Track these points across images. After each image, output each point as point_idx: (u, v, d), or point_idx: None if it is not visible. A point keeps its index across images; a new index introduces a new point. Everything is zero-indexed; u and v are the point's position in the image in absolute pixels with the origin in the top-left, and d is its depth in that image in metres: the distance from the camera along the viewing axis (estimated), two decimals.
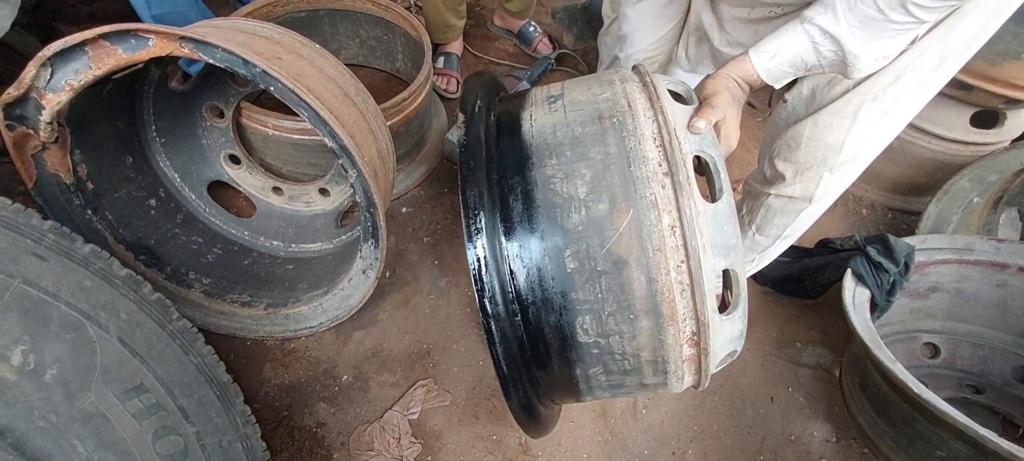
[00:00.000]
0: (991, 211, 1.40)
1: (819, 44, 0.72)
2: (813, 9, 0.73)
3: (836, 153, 0.86)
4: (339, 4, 1.48)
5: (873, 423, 1.13)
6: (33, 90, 0.83)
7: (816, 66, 0.75)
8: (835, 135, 0.85)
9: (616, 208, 0.62)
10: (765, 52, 0.75)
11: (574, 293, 0.64)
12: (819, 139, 0.86)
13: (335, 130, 0.86)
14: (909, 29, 0.69)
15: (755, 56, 0.76)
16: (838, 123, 0.84)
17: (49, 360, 0.74)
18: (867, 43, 0.70)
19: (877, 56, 0.72)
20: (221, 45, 0.80)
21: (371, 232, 1.00)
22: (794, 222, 1.01)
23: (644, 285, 0.62)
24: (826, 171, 0.89)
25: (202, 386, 0.92)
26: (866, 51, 0.71)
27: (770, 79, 0.77)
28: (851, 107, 0.82)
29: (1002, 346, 1.25)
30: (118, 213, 1.11)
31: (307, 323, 1.17)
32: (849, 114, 0.82)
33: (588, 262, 0.62)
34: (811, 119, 0.86)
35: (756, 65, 0.76)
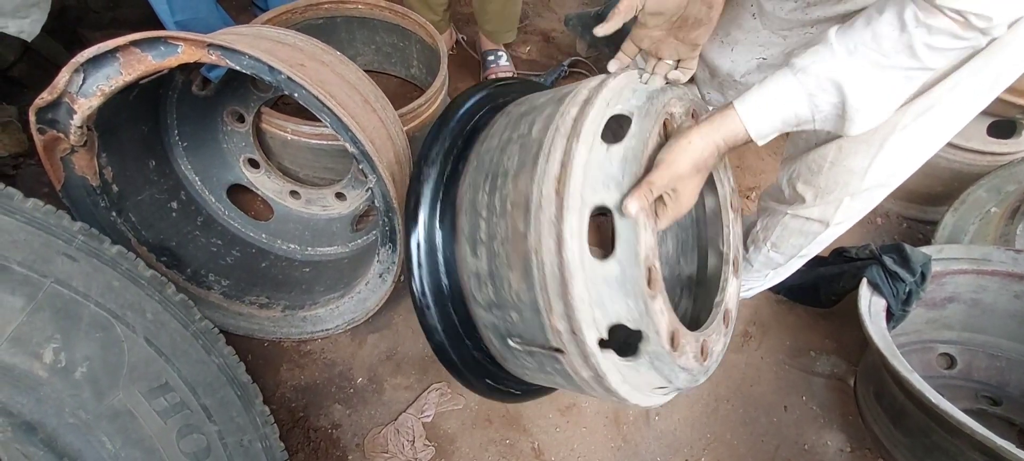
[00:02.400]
0: (1008, 221, 1.39)
1: (816, 96, 0.64)
2: (805, 57, 0.65)
3: (859, 179, 0.83)
4: (356, 11, 1.50)
5: (889, 433, 1.13)
6: (66, 95, 0.85)
7: (807, 122, 0.67)
8: (859, 162, 0.81)
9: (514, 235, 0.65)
10: (753, 107, 0.67)
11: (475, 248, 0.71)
12: (842, 165, 0.83)
13: (357, 136, 0.88)
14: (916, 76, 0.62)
15: (742, 109, 0.67)
16: (863, 150, 0.80)
17: (79, 358, 0.76)
18: (870, 92, 0.63)
19: (879, 108, 0.65)
20: (247, 52, 0.82)
21: (389, 236, 1.02)
22: (811, 243, 1.00)
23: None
24: (847, 196, 0.87)
25: (224, 386, 0.94)
26: (868, 102, 0.63)
27: (759, 138, 0.68)
28: (879, 136, 0.78)
29: (1020, 358, 1.24)
30: (141, 215, 1.13)
31: (323, 325, 1.18)
32: (876, 142, 0.79)
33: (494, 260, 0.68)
34: (835, 144, 0.82)
35: (746, 122, 0.67)
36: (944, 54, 0.59)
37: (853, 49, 0.61)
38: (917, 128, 0.76)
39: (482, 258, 0.68)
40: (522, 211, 0.62)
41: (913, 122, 0.76)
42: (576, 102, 0.65)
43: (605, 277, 0.60)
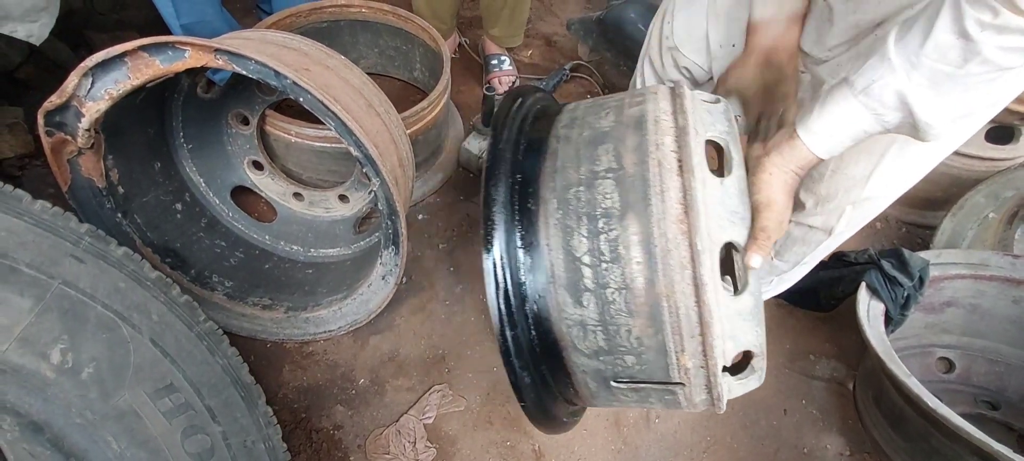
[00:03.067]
0: (1007, 226, 1.40)
1: (883, 115, 0.61)
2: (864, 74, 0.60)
3: (860, 188, 0.82)
4: (360, 15, 1.51)
5: (888, 437, 1.13)
6: (74, 98, 0.87)
7: (880, 131, 0.64)
8: (861, 170, 0.80)
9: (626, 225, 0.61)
10: (819, 133, 0.65)
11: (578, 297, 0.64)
12: (843, 172, 0.82)
13: (360, 140, 0.89)
14: (995, 77, 0.56)
15: (809, 139, 0.65)
16: (865, 160, 0.79)
17: (86, 359, 0.77)
18: (940, 103, 0.57)
19: (953, 116, 0.59)
20: (254, 57, 0.83)
21: (392, 239, 1.03)
22: (814, 251, 1.00)
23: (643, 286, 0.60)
24: (849, 204, 0.86)
25: (228, 387, 0.95)
26: (939, 114, 0.58)
27: (831, 156, 0.68)
28: (881, 145, 0.77)
29: (1018, 362, 1.25)
30: (146, 217, 1.14)
31: (326, 327, 1.19)
32: (877, 152, 0.77)
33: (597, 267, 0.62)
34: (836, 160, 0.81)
35: (813, 149, 0.65)
36: (1018, 53, 0.54)
37: (916, 63, 0.57)
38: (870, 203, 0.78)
39: (589, 307, 0.63)
40: (643, 255, 0.59)
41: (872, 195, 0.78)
42: (666, 130, 0.63)
43: (739, 311, 0.61)
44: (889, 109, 0.60)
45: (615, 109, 0.70)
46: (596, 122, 0.69)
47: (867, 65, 0.61)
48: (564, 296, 0.64)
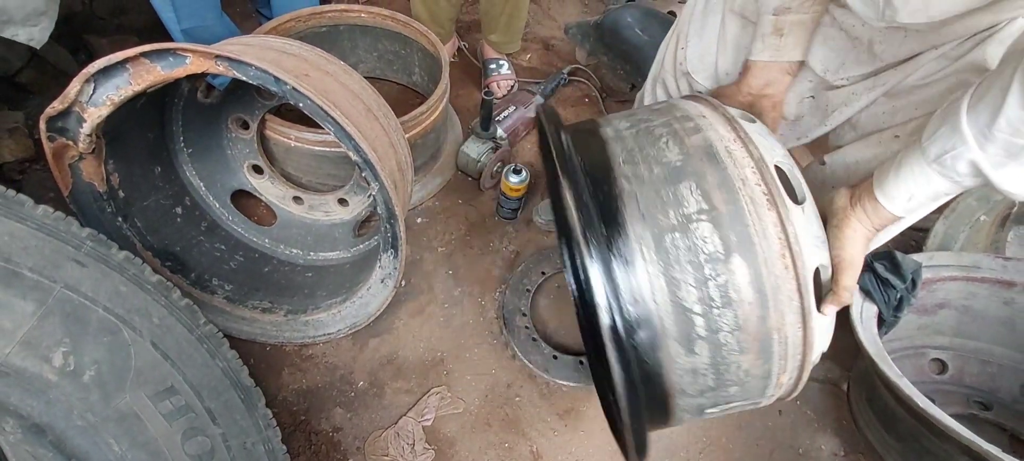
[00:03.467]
0: (999, 228, 1.41)
1: (960, 181, 0.62)
2: (937, 142, 0.61)
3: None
4: (359, 20, 1.52)
5: (880, 438, 1.15)
6: (76, 104, 0.87)
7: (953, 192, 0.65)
8: None
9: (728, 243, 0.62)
10: (897, 198, 0.66)
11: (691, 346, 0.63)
12: None
13: (359, 144, 0.90)
14: None
15: (888, 203, 0.67)
16: None
17: (88, 362, 0.78)
18: (1017, 172, 0.57)
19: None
20: (254, 63, 0.84)
21: (391, 242, 1.04)
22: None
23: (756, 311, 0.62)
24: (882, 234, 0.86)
25: (227, 389, 0.96)
26: (1017, 180, 0.58)
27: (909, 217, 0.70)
28: None
29: (1010, 363, 1.26)
30: (147, 220, 1.15)
31: (325, 330, 1.20)
32: None
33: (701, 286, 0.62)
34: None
35: (892, 209, 0.67)
36: None
37: (989, 136, 0.56)
38: None
39: (702, 354, 0.63)
40: (754, 296, 0.61)
41: None
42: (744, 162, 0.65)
43: (825, 327, 0.68)
44: (965, 176, 0.61)
45: (672, 136, 0.69)
46: (661, 156, 0.67)
47: (939, 133, 0.61)
48: (676, 348, 0.63)
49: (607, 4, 2.16)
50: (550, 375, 1.22)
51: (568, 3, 2.31)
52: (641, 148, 0.69)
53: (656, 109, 0.76)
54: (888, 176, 0.67)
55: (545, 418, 1.19)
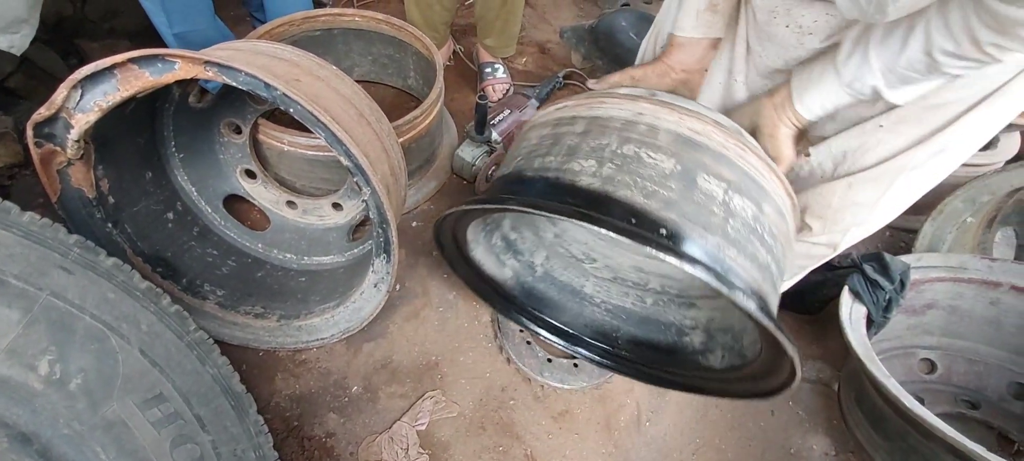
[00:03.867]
0: (986, 230, 1.43)
1: (862, 97, 0.75)
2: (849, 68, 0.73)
3: (868, 211, 0.86)
4: (353, 23, 1.52)
5: (869, 437, 1.16)
6: (63, 110, 0.87)
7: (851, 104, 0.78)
8: (869, 197, 0.85)
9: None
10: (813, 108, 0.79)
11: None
12: (852, 201, 0.86)
13: (351, 150, 0.90)
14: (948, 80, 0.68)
15: (805, 112, 0.80)
16: (873, 188, 0.83)
17: (74, 370, 0.77)
18: (906, 92, 0.71)
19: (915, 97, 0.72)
20: (244, 69, 0.84)
21: (383, 247, 1.03)
22: (812, 264, 1.04)
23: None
24: (855, 226, 0.90)
25: (218, 396, 0.95)
26: (905, 97, 0.72)
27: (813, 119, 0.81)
28: (889, 176, 0.81)
29: (997, 362, 1.28)
30: (137, 226, 1.14)
31: (319, 335, 1.20)
32: (886, 182, 0.82)
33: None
34: (845, 182, 0.85)
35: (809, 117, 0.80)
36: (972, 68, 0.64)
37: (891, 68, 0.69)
38: (929, 167, 0.79)
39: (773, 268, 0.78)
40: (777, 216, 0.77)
41: (926, 161, 0.79)
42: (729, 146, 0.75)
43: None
44: (866, 94, 0.74)
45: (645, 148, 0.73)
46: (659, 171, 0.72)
47: (851, 61, 0.72)
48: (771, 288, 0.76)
49: (602, 8, 2.17)
50: (544, 378, 1.22)
51: (563, 7, 2.32)
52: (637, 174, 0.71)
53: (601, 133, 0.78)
54: (807, 91, 0.79)
55: (540, 421, 1.19)
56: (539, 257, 1.20)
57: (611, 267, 1.21)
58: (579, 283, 1.21)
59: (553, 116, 0.85)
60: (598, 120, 0.79)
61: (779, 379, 0.85)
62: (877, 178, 0.82)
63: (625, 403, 1.24)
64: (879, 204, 0.84)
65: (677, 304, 1.16)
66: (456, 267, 1.12)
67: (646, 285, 1.20)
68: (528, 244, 1.19)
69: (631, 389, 1.27)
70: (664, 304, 1.17)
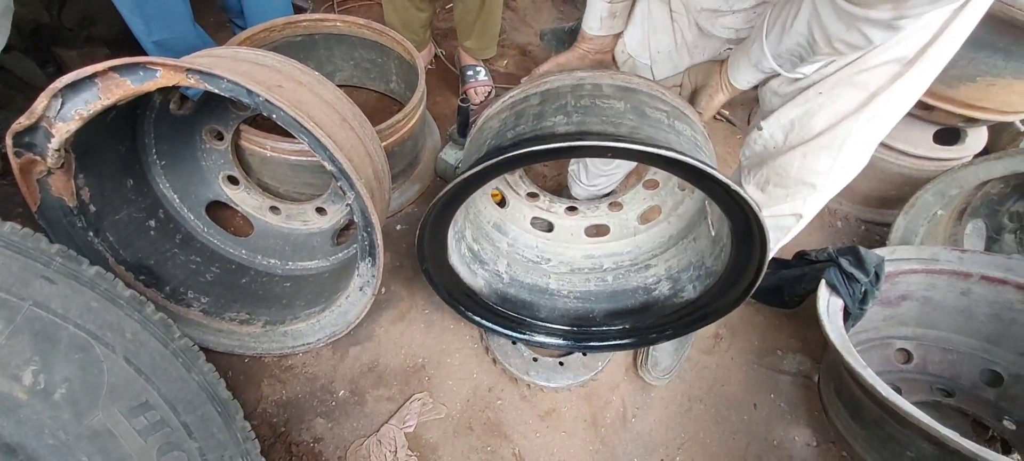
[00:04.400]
0: (956, 222, 1.48)
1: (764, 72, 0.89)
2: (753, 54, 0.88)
3: (824, 177, 0.93)
4: (334, 29, 1.53)
5: (849, 426, 1.19)
6: (43, 119, 0.86)
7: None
8: (824, 163, 0.92)
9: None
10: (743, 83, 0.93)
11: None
12: (809, 168, 0.93)
13: (334, 154, 0.91)
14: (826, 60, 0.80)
15: (739, 84, 0.93)
16: (826, 154, 0.90)
17: (58, 380, 0.77)
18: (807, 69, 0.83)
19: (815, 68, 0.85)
20: (226, 76, 0.84)
21: (368, 250, 1.04)
22: (784, 237, 1.08)
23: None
24: (814, 192, 0.96)
25: (204, 403, 0.95)
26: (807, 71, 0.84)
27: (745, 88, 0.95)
28: (837, 141, 0.88)
29: (969, 351, 1.32)
30: (119, 234, 1.14)
31: (304, 340, 1.20)
32: (836, 146, 0.89)
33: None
34: (799, 151, 0.92)
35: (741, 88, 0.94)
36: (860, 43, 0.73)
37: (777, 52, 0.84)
38: (869, 131, 0.88)
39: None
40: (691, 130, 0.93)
41: (865, 126, 0.87)
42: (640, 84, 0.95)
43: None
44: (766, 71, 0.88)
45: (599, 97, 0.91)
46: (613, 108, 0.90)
47: (755, 47, 0.87)
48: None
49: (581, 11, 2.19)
50: (530, 377, 1.23)
51: (544, 10, 2.34)
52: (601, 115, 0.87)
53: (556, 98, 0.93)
54: (739, 69, 0.93)
55: (527, 420, 1.21)
56: (502, 265, 1.27)
57: (565, 261, 1.32)
58: (544, 282, 1.29)
59: (507, 103, 0.99)
60: (549, 92, 0.94)
61: (751, 269, 1.00)
62: (828, 145, 0.90)
63: (611, 400, 1.26)
64: (833, 170, 0.92)
65: (635, 270, 1.28)
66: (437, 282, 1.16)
67: (601, 266, 1.31)
68: (489, 254, 1.26)
69: (616, 386, 1.29)
70: (623, 275, 1.29)
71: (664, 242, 1.27)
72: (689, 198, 1.23)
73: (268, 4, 1.50)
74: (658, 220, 1.28)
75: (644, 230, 1.30)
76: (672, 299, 1.20)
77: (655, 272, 1.26)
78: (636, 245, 1.30)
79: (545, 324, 1.25)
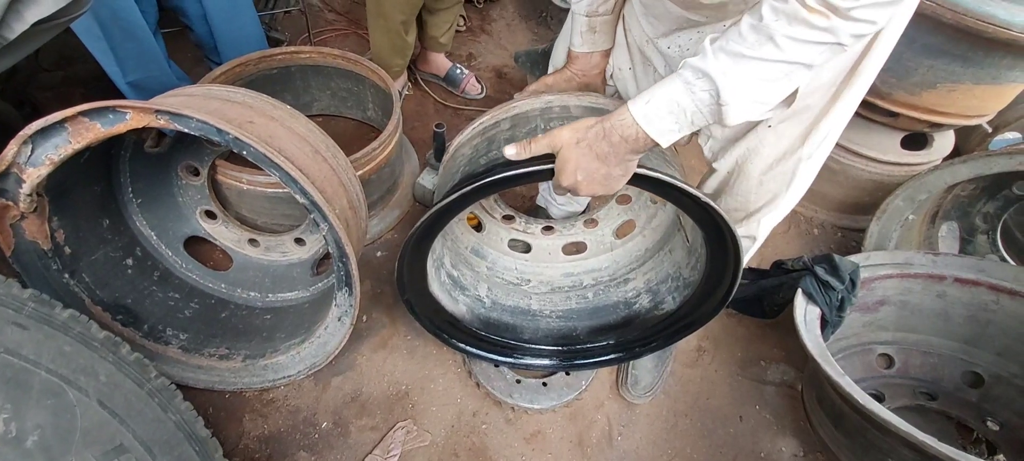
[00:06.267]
0: (930, 225, 1.50)
1: (692, 84, 0.69)
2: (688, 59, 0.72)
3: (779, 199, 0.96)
4: (309, 60, 1.55)
5: (832, 435, 1.19)
6: (14, 166, 0.87)
7: (693, 111, 0.71)
8: (778, 188, 0.94)
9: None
10: (640, 97, 0.74)
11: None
12: (766, 193, 0.96)
13: (305, 188, 0.92)
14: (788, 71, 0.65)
15: (631, 103, 0.74)
16: (781, 180, 0.93)
17: (30, 426, 0.76)
18: (738, 84, 0.66)
19: (750, 101, 0.68)
20: (196, 115, 0.85)
21: (345, 280, 1.04)
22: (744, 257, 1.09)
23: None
24: (768, 213, 0.99)
25: (181, 443, 0.94)
26: (738, 94, 0.67)
27: (648, 126, 0.73)
28: (791, 167, 0.90)
29: (949, 353, 1.33)
30: (95, 275, 1.13)
31: (285, 372, 1.19)
32: (789, 172, 0.91)
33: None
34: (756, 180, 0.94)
35: (632, 110, 0.73)
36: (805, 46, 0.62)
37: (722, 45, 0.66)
38: (818, 154, 0.90)
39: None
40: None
41: (816, 150, 0.89)
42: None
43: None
44: (698, 79, 0.68)
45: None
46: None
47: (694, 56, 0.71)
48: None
49: (555, 32, 2.23)
50: (514, 399, 1.23)
51: (518, 32, 2.38)
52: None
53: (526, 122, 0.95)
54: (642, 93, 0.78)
55: (512, 443, 1.20)
56: (482, 289, 1.27)
57: (545, 281, 1.32)
58: (526, 303, 1.30)
59: (477, 129, 1.00)
60: (519, 116, 0.96)
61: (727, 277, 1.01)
62: (783, 172, 0.92)
63: (596, 419, 1.26)
64: (787, 193, 0.95)
65: (615, 285, 1.29)
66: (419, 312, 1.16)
67: (581, 284, 1.31)
68: (469, 279, 1.26)
69: (601, 404, 1.29)
70: (604, 291, 1.30)
71: (641, 255, 1.28)
72: (662, 210, 1.24)
73: (241, 39, 1.52)
74: (633, 234, 1.30)
75: (621, 244, 1.31)
76: (653, 312, 1.21)
77: (634, 286, 1.27)
78: (614, 260, 1.31)
79: (530, 346, 1.25)
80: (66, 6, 0.81)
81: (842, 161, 1.60)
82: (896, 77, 1.37)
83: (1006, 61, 1.26)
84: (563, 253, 1.34)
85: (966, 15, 1.18)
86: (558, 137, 0.79)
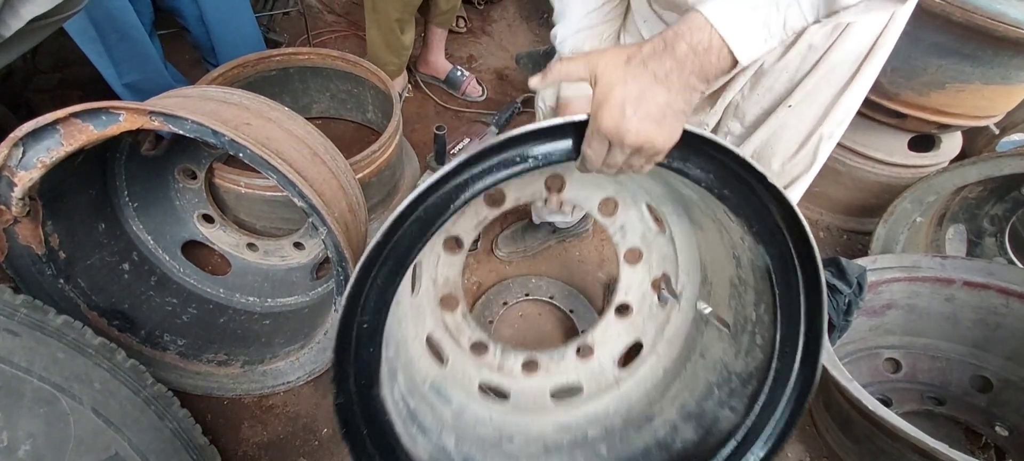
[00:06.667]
0: (937, 228, 1.48)
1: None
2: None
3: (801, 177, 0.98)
4: (308, 62, 1.53)
5: (840, 441, 1.17)
6: (5, 169, 0.85)
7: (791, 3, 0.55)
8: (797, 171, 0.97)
9: None
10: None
11: None
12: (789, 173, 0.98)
13: (303, 190, 0.90)
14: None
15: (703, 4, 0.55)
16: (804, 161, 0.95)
17: (22, 436, 0.74)
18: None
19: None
20: (190, 117, 0.83)
21: (344, 285, 1.03)
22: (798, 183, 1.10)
23: None
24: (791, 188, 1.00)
25: (178, 451, 0.93)
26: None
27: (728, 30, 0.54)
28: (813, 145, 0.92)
29: (958, 357, 1.31)
30: (91, 280, 1.12)
31: (285, 378, 1.17)
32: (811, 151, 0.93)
33: None
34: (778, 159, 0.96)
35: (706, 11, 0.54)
36: None
37: None
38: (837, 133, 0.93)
39: None
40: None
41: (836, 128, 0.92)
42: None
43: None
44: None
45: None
46: None
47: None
48: None
49: None
50: None
51: (519, 34, 2.36)
52: None
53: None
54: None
55: None
56: (448, 440, 0.89)
57: (533, 438, 0.97)
58: None
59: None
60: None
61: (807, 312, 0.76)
62: (806, 152, 0.94)
63: None
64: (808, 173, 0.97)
65: (635, 429, 0.96)
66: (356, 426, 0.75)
67: (585, 437, 0.97)
68: (429, 421, 0.88)
69: None
70: (621, 440, 0.95)
71: (659, 380, 0.98)
72: (676, 312, 0.97)
73: (239, 41, 1.51)
74: (642, 357, 1.01)
75: (628, 376, 1.00)
76: (708, 438, 0.87)
77: (664, 420, 0.94)
78: (623, 398, 0.99)
79: None
80: (62, 3, 0.79)
81: (848, 163, 1.58)
82: (904, 77, 1.35)
83: (1016, 60, 1.24)
84: (552, 400, 1.02)
85: (976, 13, 1.16)
86: (599, 58, 0.57)
